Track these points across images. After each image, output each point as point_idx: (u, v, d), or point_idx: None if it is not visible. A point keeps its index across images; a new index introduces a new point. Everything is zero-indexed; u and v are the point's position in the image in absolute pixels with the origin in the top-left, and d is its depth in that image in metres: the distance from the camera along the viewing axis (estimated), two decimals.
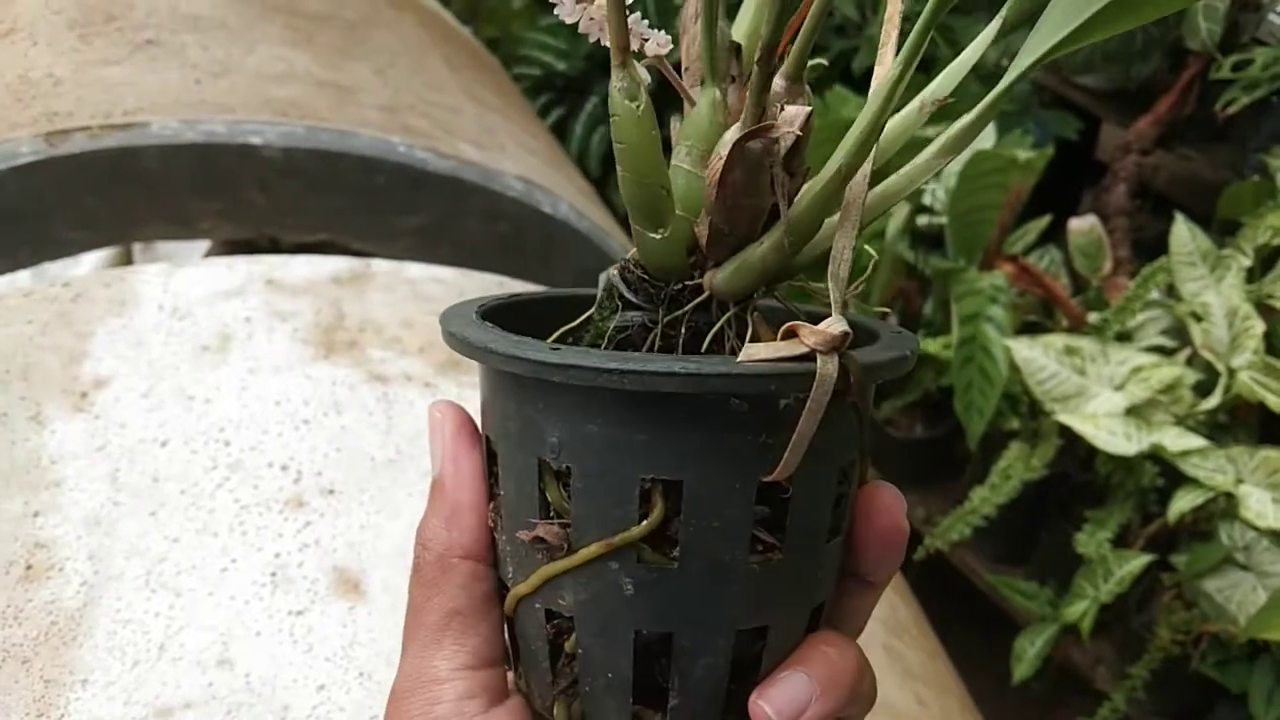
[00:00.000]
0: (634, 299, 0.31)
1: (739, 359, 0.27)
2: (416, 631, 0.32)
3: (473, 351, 0.30)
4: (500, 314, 0.33)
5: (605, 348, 0.31)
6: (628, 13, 0.29)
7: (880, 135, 0.29)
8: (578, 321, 0.33)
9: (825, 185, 0.29)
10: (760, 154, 0.28)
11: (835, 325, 0.27)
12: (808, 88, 0.31)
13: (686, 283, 0.31)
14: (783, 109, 0.29)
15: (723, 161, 0.28)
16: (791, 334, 0.27)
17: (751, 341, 0.29)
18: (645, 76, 0.31)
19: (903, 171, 0.31)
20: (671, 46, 0.32)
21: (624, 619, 0.29)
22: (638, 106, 0.29)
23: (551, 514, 0.30)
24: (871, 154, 0.29)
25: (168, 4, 1.02)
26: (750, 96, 0.29)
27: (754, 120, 0.28)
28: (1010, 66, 0.29)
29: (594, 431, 0.28)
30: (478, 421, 0.33)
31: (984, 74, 1.82)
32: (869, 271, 0.44)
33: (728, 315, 0.31)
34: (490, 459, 0.32)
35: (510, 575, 0.31)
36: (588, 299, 0.33)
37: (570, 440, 0.29)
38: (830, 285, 0.28)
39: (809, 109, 0.29)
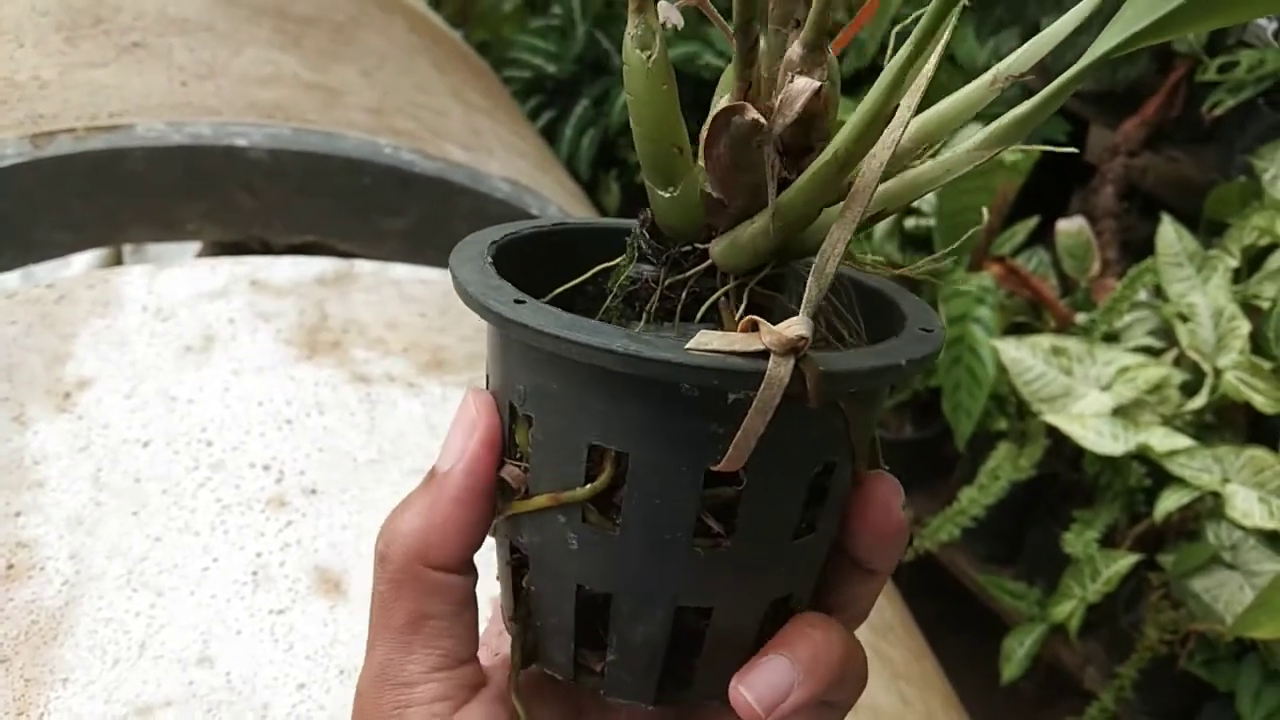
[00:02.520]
0: (648, 252, 0.31)
1: (689, 345, 0.26)
2: (384, 630, 0.30)
3: (455, 286, 0.30)
4: (528, 244, 0.34)
5: (614, 299, 0.32)
6: None
7: (891, 120, 0.26)
8: (616, 262, 0.32)
9: (817, 172, 0.27)
10: (747, 130, 0.27)
11: (793, 327, 0.26)
12: (832, 58, 0.28)
13: (697, 245, 0.30)
14: (793, 80, 0.27)
15: (705, 133, 0.27)
16: (753, 327, 0.26)
17: (741, 320, 0.28)
18: (676, 19, 0.28)
19: (940, 160, 0.28)
20: None
21: (568, 571, 0.30)
22: (649, 57, 0.27)
23: (518, 455, 0.30)
24: (895, 139, 0.26)
25: (155, 7, 1.02)
26: (736, 64, 0.27)
27: (741, 92, 0.27)
28: (1086, 53, 0.26)
29: (553, 389, 0.29)
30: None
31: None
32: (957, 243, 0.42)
33: (725, 289, 0.30)
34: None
35: (496, 497, 0.32)
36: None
37: (533, 393, 0.29)
38: (810, 280, 0.27)
39: (817, 84, 0.27)
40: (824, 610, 0.32)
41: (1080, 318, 1.43)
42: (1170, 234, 1.34)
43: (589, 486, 0.29)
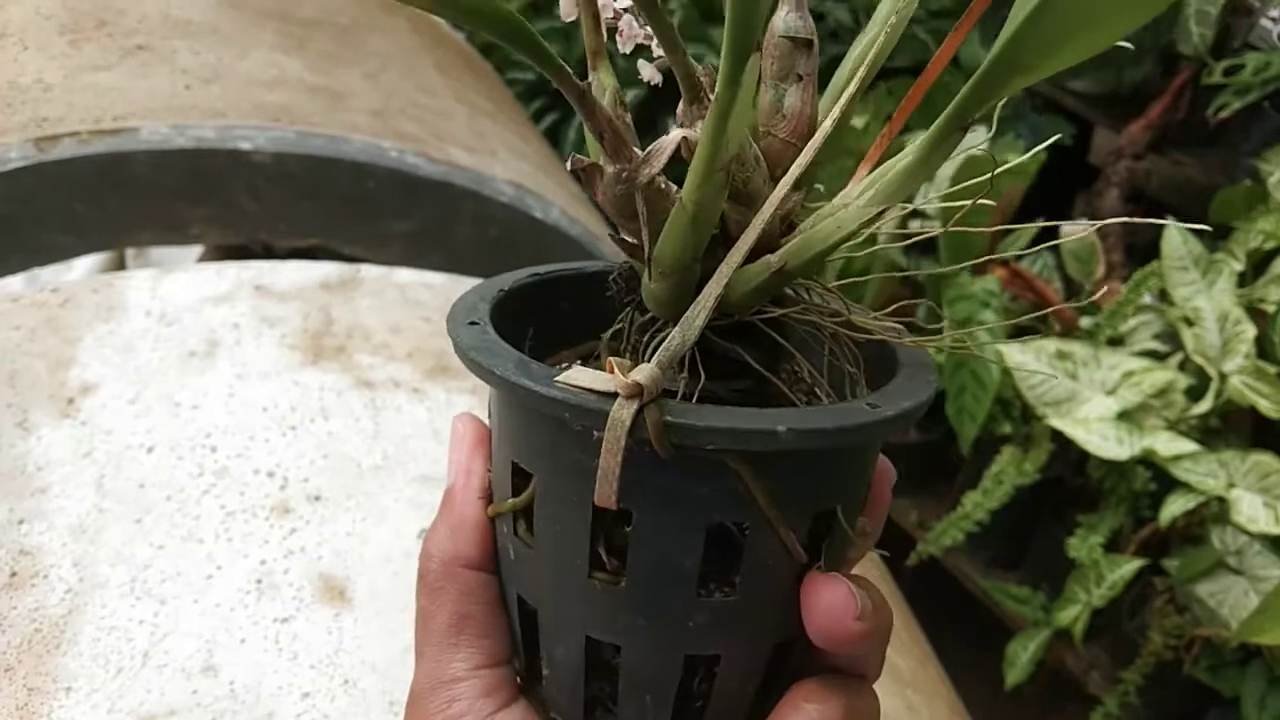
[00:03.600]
0: (621, 296, 0.32)
1: (556, 379, 0.27)
2: (429, 637, 0.32)
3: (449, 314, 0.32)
4: (542, 288, 0.36)
5: (605, 341, 0.33)
6: (623, 13, 0.29)
7: (731, 169, 0.27)
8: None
9: (672, 222, 0.28)
10: (613, 179, 0.28)
11: (639, 373, 0.26)
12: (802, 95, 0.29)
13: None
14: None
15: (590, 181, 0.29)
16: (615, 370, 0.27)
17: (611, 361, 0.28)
18: (655, 77, 0.30)
19: (833, 217, 0.28)
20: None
21: (512, 579, 0.32)
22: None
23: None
24: (778, 198, 0.27)
25: (159, 10, 1.01)
26: (596, 124, 0.28)
27: (613, 150, 0.28)
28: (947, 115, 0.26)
29: (494, 404, 0.32)
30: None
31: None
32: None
33: (657, 329, 0.30)
34: None
35: None
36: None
37: (491, 406, 0.32)
38: (675, 330, 0.27)
39: (681, 134, 0.28)
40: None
41: (1085, 321, 1.43)
42: (1175, 238, 1.34)
43: (511, 501, 0.31)
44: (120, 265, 1.25)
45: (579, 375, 0.27)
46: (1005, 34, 0.24)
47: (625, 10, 0.30)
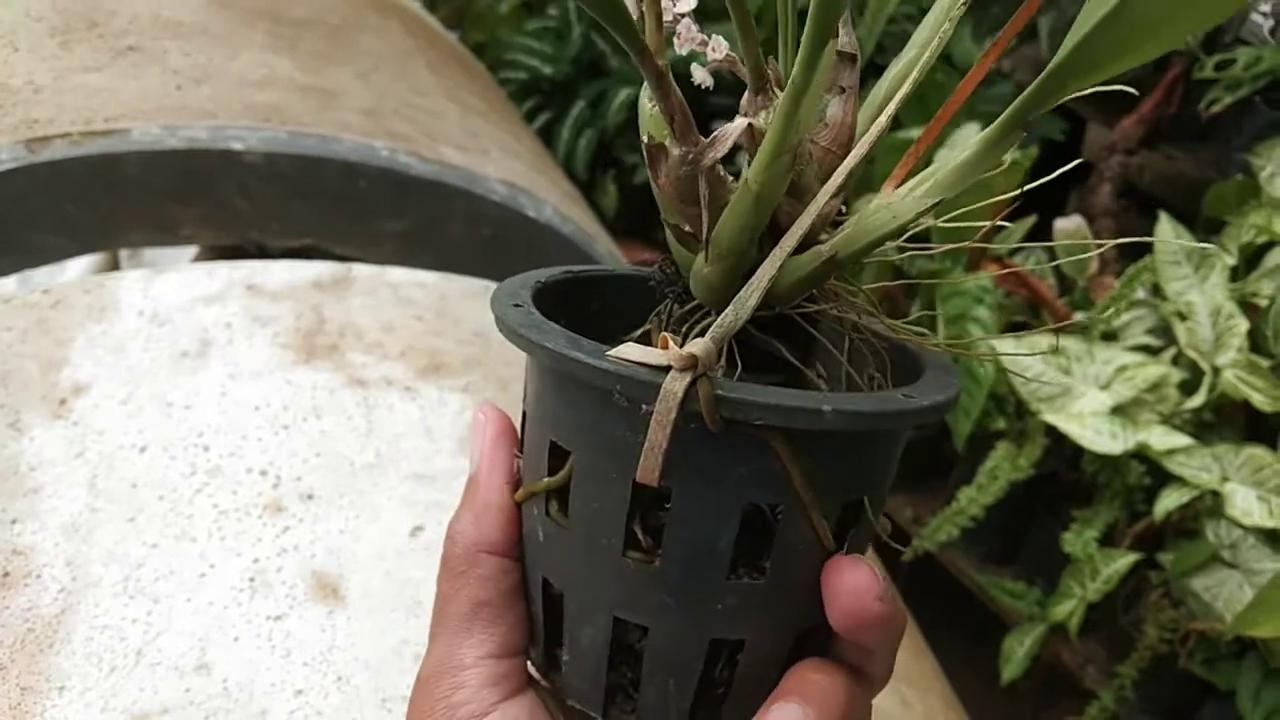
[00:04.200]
0: (664, 285, 0.33)
1: (607, 353, 0.28)
2: (445, 621, 0.33)
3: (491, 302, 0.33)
4: (584, 284, 0.36)
5: (645, 329, 0.34)
6: (682, 17, 0.30)
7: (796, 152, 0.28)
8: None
9: (734, 204, 0.28)
10: (678, 162, 0.29)
11: (695, 345, 0.27)
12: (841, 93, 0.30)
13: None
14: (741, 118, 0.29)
15: (648, 165, 0.29)
16: (668, 344, 0.28)
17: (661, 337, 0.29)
18: (708, 80, 0.31)
19: (887, 206, 0.29)
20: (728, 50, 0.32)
21: (538, 563, 0.32)
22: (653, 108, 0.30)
23: (522, 450, 0.34)
24: (838, 184, 0.28)
25: (149, 10, 1.01)
26: (659, 101, 0.29)
27: (682, 133, 0.29)
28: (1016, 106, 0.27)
29: (534, 384, 0.32)
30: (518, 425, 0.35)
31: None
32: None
33: (699, 318, 0.31)
34: None
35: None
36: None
37: (528, 390, 0.33)
38: (730, 308, 0.28)
39: (746, 122, 0.29)
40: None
41: (1078, 316, 1.43)
42: (1168, 232, 1.34)
43: (546, 480, 0.31)
44: (113, 266, 1.24)
45: (630, 350, 0.28)
46: (1075, 35, 0.25)
47: (684, 15, 0.30)
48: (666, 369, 0.27)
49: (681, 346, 0.27)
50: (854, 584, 0.29)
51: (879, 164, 1.61)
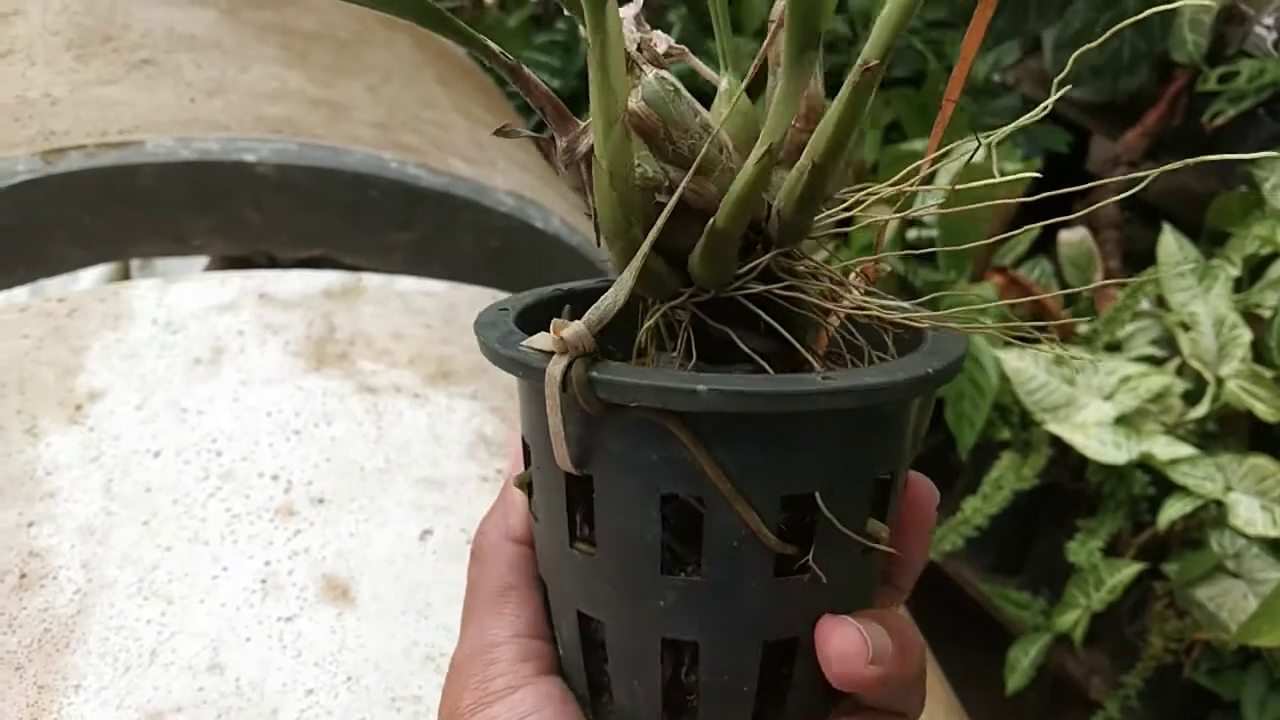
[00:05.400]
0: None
1: (522, 343, 0.29)
2: (474, 604, 0.34)
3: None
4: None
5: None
6: (640, 19, 0.30)
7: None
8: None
9: (596, 184, 0.29)
10: (562, 152, 0.30)
11: (566, 329, 0.27)
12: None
13: None
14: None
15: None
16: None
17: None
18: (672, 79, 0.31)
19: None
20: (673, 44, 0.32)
21: (538, 558, 0.35)
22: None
23: None
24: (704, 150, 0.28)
25: (163, 24, 1.03)
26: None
27: (557, 124, 0.30)
28: None
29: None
30: None
31: (974, 89, 1.83)
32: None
33: (653, 313, 0.31)
34: None
35: None
36: None
37: None
38: (610, 290, 0.28)
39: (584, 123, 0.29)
40: None
41: (1083, 327, 1.44)
42: (1172, 244, 1.35)
43: (519, 474, 0.34)
44: (125, 276, 1.26)
45: (536, 339, 0.28)
46: None
47: (624, 16, 0.30)
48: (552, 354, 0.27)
49: (669, 344, 0.27)
50: (841, 651, 0.28)
51: (882, 174, 1.62)
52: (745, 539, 0.28)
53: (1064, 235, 1.55)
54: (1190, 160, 0.29)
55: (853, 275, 0.32)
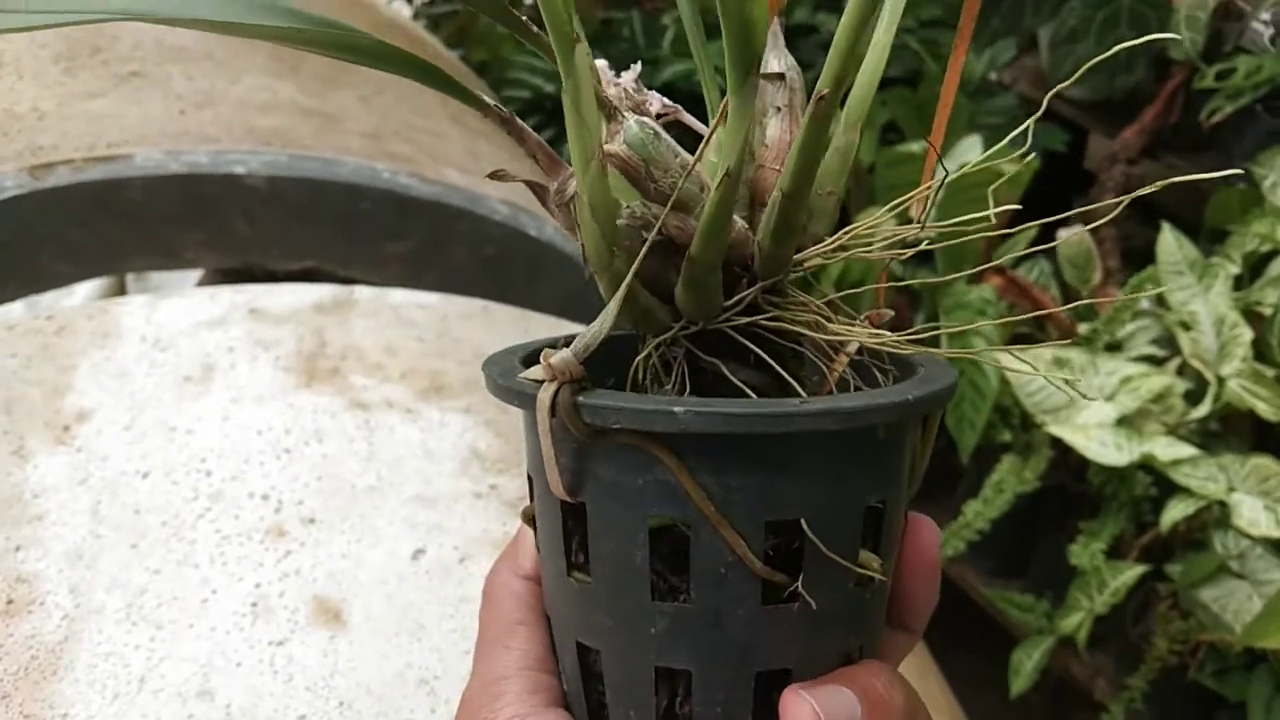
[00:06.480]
0: None
1: (520, 375, 0.30)
2: (483, 642, 0.34)
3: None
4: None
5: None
6: (639, 84, 0.31)
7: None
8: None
9: (580, 220, 0.30)
10: (554, 195, 0.31)
11: (554, 357, 0.28)
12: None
13: None
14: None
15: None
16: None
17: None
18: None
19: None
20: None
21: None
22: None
23: None
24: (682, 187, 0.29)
25: (152, 36, 1.02)
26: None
27: (548, 169, 0.32)
28: None
29: None
30: None
31: (971, 88, 1.83)
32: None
33: (647, 348, 0.32)
34: None
35: None
36: None
37: None
38: (596, 321, 0.29)
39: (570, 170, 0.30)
40: None
41: (1082, 328, 1.43)
42: (1171, 242, 1.34)
43: (525, 507, 0.34)
44: (120, 290, 1.25)
45: (533, 370, 0.29)
46: None
47: (621, 84, 0.31)
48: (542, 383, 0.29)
49: (665, 380, 0.27)
50: None
51: (879, 175, 1.61)
52: (732, 565, 0.28)
53: (1062, 235, 1.54)
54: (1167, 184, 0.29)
55: (859, 321, 0.32)
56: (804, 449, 0.28)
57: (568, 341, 0.35)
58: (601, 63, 0.30)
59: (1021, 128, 0.30)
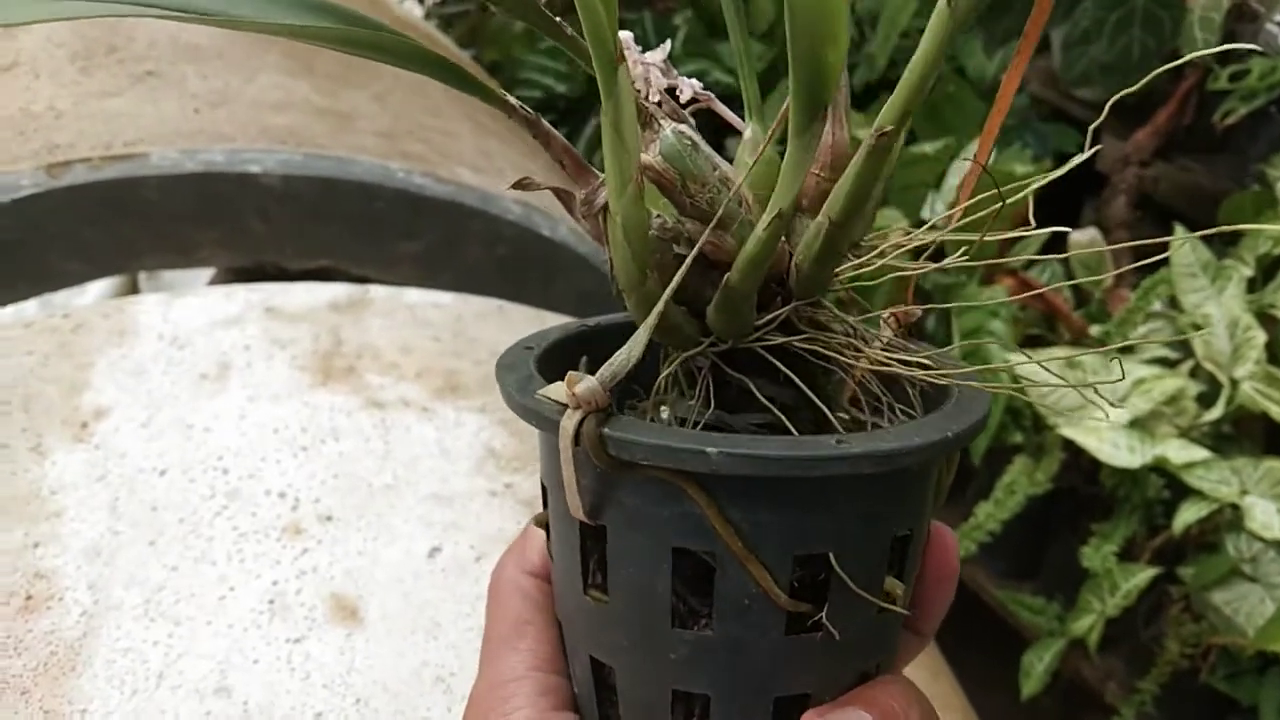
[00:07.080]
0: None
1: (538, 392, 0.29)
2: (491, 640, 0.34)
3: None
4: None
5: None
6: (649, 65, 0.30)
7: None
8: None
9: (611, 238, 0.29)
10: (581, 203, 0.30)
11: (580, 385, 0.27)
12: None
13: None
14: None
15: None
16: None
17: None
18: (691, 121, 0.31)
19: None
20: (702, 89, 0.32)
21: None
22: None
23: None
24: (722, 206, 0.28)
25: (168, 35, 1.03)
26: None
27: (576, 176, 0.30)
28: None
29: None
30: None
31: (983, 90, 1.82)
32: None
33: (671, 362, 0.31)
34: None
35: None
36: None
37: None
38: (625, 346, 0.28)
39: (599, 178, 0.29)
40: None
41: (1094, 329, 1.43)
42: (1183, 246, 1.33)
43: (535, 515, 0.34)
44: (132, 289, 1.25)
45: (552, 389, 0.28)
46: None
47: (650, 63, 0.30)
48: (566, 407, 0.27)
49: (686, 394, 0.27)
50: None
51: (897, 177, 1.61)
52: (756, 596, 0.28)
53: (1074, 237, 1.54)
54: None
55: (885, 316, 0.31)
56: (836, 486, 0.28)
57: (580, 339, 0.35)
58: (626, 35, 0.29)
59: (1087, 154, 0.30)
